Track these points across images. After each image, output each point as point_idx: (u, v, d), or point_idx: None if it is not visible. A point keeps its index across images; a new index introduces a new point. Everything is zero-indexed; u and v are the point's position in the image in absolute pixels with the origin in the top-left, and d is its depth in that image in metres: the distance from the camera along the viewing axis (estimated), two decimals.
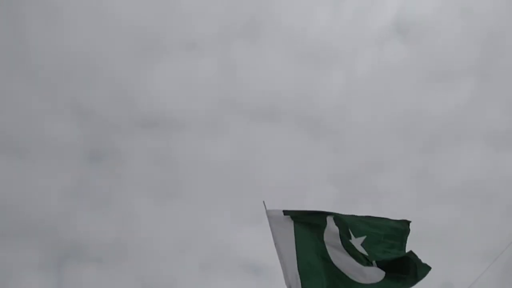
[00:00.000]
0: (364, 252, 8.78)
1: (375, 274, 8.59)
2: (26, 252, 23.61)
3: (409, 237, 9.34)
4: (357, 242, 8.90)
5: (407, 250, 9.02)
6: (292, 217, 8.91)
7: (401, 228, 9.28)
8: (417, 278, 8.60)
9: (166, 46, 28.91)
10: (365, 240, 8.96)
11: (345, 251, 8.73)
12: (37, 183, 25.64)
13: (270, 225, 8.89)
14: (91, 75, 27.44)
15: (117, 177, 26.98)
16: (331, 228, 8.86)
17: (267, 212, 8.99)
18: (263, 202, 9.06)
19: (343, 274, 8.63)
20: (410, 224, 9.36)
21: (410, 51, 29.44)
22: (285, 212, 8.98)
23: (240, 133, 28.25)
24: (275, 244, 8.75)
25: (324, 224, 8.90)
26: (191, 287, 23.34)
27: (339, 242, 8.80)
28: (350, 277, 8.60)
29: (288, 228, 8.87)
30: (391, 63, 29.10)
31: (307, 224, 8.91)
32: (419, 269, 8.60)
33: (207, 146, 27.58)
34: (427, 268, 8.64)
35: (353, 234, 8.97)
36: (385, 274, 8.59)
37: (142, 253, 24.37)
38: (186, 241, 25.28)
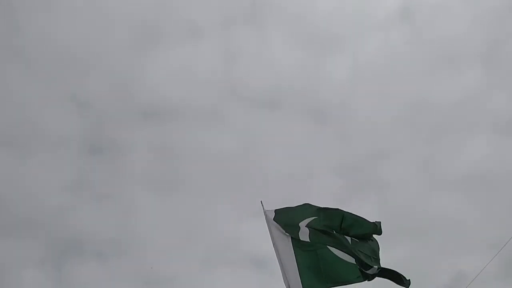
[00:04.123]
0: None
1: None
2: (24, 247, 23.43)
3: (415, 227, 9.30)
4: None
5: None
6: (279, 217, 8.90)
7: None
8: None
9: (165, 34, 28.57)
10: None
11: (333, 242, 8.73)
12: (35, 177, 25.44)
13: (268, 226, 8.87)
14: (88, 66, 27.17)
15: (117, 170, 26.76)
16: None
17: (265, 212, 8.98)
18: (261, 202, 9.05)
19: (341, 259, 8.59)
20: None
21: (416, 37, 29.04)
22: (276, 212, 8.98)
23: (242, 123, 27.97)
24: (273, 244, 8.72)
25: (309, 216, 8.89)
26: (193, 282, 23.02)
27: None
28: (348, 260, 8.59)
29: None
30: (397, 50, 28.80)
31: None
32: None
33: (208, 137, 27.28)
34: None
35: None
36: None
37: (142, 248, 24.12)
38: (187, 235, 25.01)
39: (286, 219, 8.83)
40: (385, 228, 9.10)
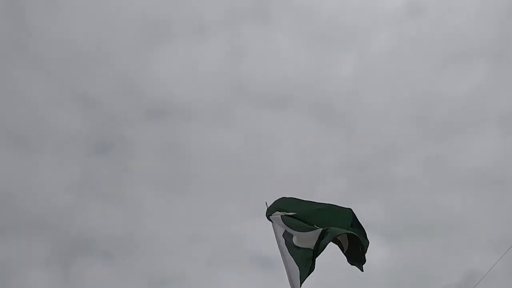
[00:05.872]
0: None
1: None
2: (32, 247, 23.43)
3: (423, 224, 8.92)
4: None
5: None
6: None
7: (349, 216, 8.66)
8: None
9: (172, 33, 28.49)
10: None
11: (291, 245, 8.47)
12: (42, 176, 25.43)
13: (273, 226, 8.87)
14: (96, 64, 27.15)
15: (124, 169, 26.72)
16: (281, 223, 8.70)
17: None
18: (266, 203, 9.07)
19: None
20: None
21: (423, 34, 28.77)
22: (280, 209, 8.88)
23: (249, 122, 27.87)
24: (278, 244, 8.70)
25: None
26: (199, 281, 22.95)
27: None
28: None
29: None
30: (404, 46, 28.55)
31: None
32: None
33: (216, 136, 27.19)
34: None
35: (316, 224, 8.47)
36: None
37: (150, 247, 24.08)
38: (194, 234, 24.94)
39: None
40: (393, 226, 8.90)
